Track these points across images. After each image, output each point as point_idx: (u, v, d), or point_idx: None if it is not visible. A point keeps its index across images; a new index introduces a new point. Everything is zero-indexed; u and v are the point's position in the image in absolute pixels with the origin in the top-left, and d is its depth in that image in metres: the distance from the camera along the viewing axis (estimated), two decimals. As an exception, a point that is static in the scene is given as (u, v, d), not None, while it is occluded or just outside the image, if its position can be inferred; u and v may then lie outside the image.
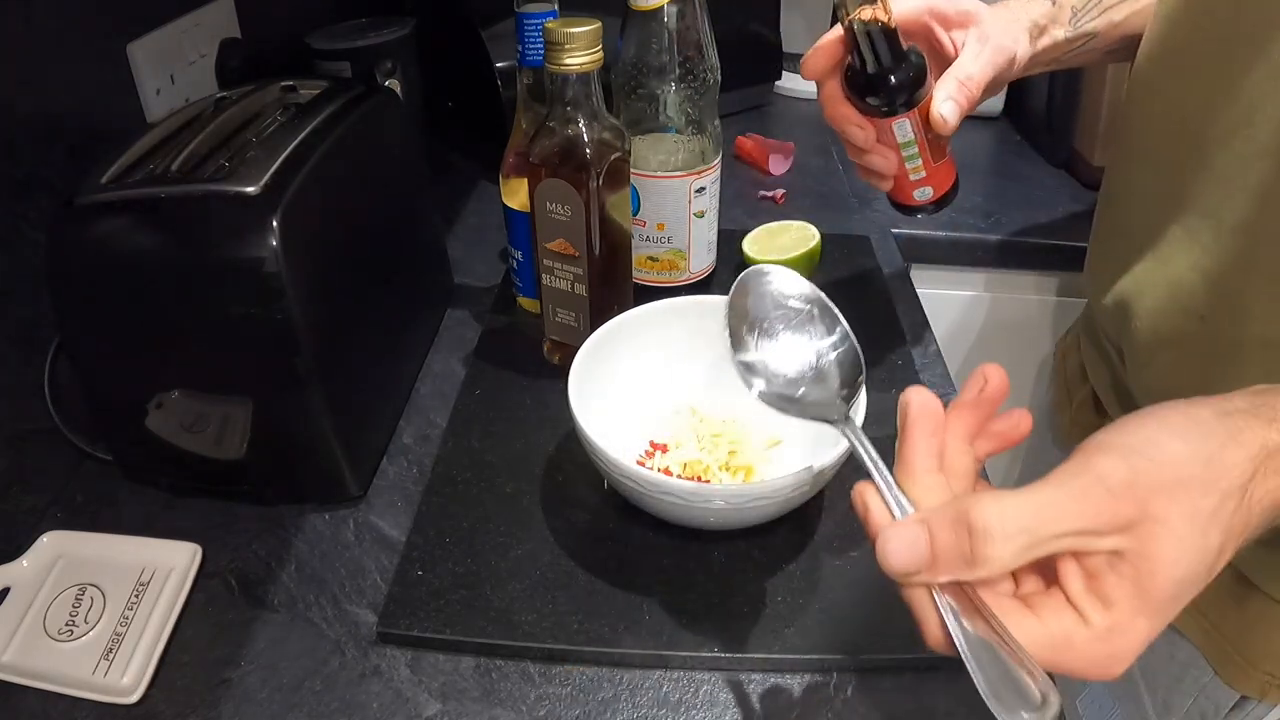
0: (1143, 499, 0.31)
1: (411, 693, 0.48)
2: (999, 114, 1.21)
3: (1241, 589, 0.56)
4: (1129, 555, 0.31)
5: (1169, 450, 0.32)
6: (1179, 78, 0.55)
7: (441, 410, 0.67)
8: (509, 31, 0.69)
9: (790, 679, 0.49)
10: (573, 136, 0.58)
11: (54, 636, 0.50)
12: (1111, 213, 0.65)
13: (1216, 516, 0.31)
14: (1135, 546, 0.31)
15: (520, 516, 0.57)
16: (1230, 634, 0.57)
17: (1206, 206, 0.53)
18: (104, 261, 0.50)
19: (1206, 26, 0.53)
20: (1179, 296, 0.55)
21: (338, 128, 0.58)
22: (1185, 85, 0.54)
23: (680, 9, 0.65)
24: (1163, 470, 0.32)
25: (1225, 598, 0.57)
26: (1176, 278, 0.55)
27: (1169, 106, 0.56)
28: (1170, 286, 0.56)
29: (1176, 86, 0.55)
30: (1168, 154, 0.56)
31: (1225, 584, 0.56)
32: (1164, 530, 0.31)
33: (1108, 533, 0.31)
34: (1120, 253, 0.61)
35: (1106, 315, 0.64)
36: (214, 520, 0.58)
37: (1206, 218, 0.53)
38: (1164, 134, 0.57)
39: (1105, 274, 0.63)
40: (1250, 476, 0.32)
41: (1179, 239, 0.55)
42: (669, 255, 0.74)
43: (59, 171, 0.60)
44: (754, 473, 0.59)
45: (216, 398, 0.54)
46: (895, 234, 0.93)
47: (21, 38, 0.57)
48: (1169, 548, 0.31)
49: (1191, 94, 0.54)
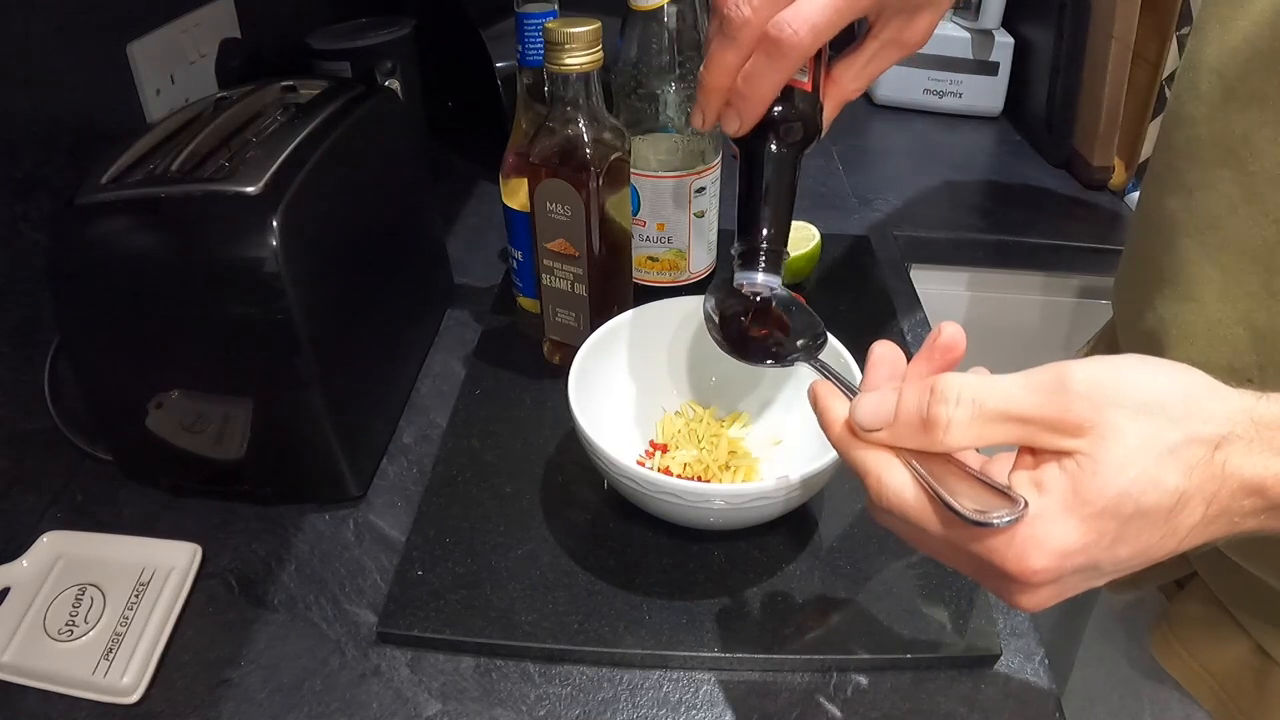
0: (1101, 406, 0.31)
1: (411, 693, 0.48)
2: (999, 114, 1.21)
3: (1260, 662, 0.54)
4: (1075, 454, 0.31)
5: (1145, 376, 0.32)
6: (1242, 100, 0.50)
7: (441, 410, 0.67)
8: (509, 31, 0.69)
9: (790, 679, 0.49)
10: (573, 136, 0.58)
11: (54, 636, 0.50)
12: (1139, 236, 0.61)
13: (1178, 455, 0.31)
14: (1083, 447, 0.31)
15: (520, 516, 0.57)
16: (1246, 707, 0.55)
17: (1254, 250, 0.48)
18: (104, 261, 0.50)
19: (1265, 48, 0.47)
20: (1221, 351, 0.50)
21: (338, 128, 0.58)
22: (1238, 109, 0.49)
23: (680, 9, 0.65)
24: (1132, 389, 0.32)
25: (1243, 670, 0.55)
26: (1216, 328, 0.50)
27: (1213, 130, 0.51)
28: (1211, 339, 0.50)
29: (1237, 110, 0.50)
30: (1207, 182, 0.51)
31: (1242, 656, 0.55)
32: (1116, 440, 0.31)
33: (1062, 432, 0.32)
34: (1144, 281, 0.57)
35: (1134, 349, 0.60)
36: (214, 520, 0.58)
37: (1254, 262, 0.48)
38: (1204, 159, 0.52)
39: (1133, 301, 0.59)
40: (1225, 434, 0.31)
41: (1214, 280, 0.50)
42: (669, 255, 0.74)
43: (59, 171, 0.60)
44: (754, 473, 0.59)
45: (216, 398, 0.54)
46: (895, 234, 0.93)
47: (21, 38, 0.57)
48: (1116, 455, 0.31)
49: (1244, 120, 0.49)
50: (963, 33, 1.16)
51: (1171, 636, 0.60)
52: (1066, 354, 0.83)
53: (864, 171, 1.07)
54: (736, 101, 0.46)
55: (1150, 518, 0.31)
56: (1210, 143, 0.51)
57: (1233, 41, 0.49)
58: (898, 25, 0.48)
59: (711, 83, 0.46)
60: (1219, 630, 0.56)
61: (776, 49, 0.43)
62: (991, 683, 0.48)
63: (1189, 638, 0.59)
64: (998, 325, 1.03)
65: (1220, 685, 0.57)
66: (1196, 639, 0.58)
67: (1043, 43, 1.09)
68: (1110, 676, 0.71)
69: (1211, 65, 0.51)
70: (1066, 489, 0.31)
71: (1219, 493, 0.31)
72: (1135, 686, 0.67)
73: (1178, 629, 0.59)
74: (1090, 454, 0.31)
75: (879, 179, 1.05)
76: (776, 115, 0.47)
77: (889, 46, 0.49)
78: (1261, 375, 0.48)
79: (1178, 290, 0.53)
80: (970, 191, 1.04)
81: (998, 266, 0.97)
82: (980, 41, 1.16)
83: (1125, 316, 0.62)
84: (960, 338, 0.37)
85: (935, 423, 0.33)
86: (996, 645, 0.49)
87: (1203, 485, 0.31)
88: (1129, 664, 0.68)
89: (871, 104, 1.25)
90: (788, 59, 0.44)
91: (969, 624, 0.50)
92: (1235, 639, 0.55)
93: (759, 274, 0.48)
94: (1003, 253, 0.95)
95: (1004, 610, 0.52)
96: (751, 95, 0.46)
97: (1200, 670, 0.58)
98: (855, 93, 0.51)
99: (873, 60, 0.50)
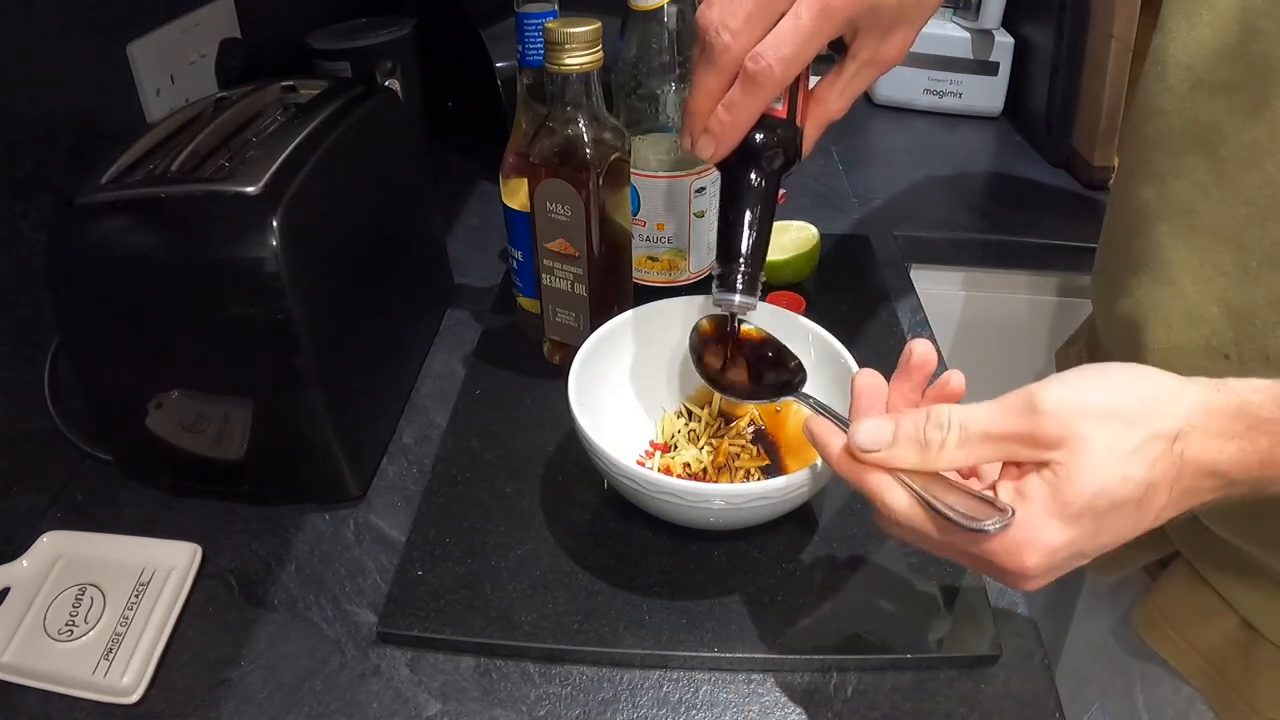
0: (1068, 420, 0.36)
1: (411, 693, 0.48)
2: (999, 114, 1.21)
3: (1246, 636, 0.55)
4: (1053, 464, 0.36)
5: (1105, 387, 0.37)
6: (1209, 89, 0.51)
7: (441, 410, 0.67)
8: (509, 31, 0.69)
9: (790, 679, 0.49)
10: (573, 136, 0.58)
11: (54, 636, 0.50)
12: (1116, 225, 0.62)
13: (1141, 452, 0.35)
14: (1058, 458, 0.36)
15: (520, 516, 0.57)
16: (1234, 680, 0.56)
17: (1226, 231, 0.50)
18: (104, 261, 0.50)
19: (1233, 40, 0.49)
20: (1199, 331, 0.52)
21: (338, 128, 0.58)
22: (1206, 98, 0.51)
23: (680, 9, 0.65)
24: (1095, 401, 0.36)
25: (1229, 645, 0.56)
26: (1194, 309, 0.52)
27: (1184, 120, 0.53)
28: (1188, 317, 0.52)
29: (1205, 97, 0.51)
30: (1179, 170, 0.53)
31: (1228, 631, 0.56)
32: (1086, 446, 0.35)
33: (1037, 446, 0.36)
34: (1121, 268, 0.59)
35: (1113, 336, 0.62)
36: (214, 520, 0.58)
37: (1226, 242, 0.50)
38: (1176, 148, 0.54)
39: (1110, 290, 0.61)
40: (1181, 429, 0.35)
41: (1189, 263, 0.52)
42: (669, 255, 0.74)
43: (59, 171, 0.60)
44: (754, 473, 0.59)
45: (216, 398, 0.54)
46: (895, 234, 0.93)
47: (21, 38, 0.57)
48: (1087, 459, 0.35)
49: (1212, 108, 0.50)
50: (963, 33, 1.16)
51: (1158, 615, 0.60)
52: (1065, 353, 0.82)
53: (864, 171, 1.07)
54: (714, 128, 0.47)
55: (1123, 509, 0.36)
56: (1181, 132, 0.53)
57: (1199, 36, 0.52)
58: (873, 46, 0.49)
59: (695, 107, 0.47)
60: (1204, 607, 0.57)
61: (752, 82, 0.45)
62: (991, 683, 0.48)
63: (1175, 616, 0.59)
64: (997, 325, 1.03)
65: (1208, 661, 0.58)
66: (1182, 617, 0.59)
67: (1042, 43, 1.09)
68: (1099, 656, 0.72)
69: (1179, 59, 0.53)
70: (1047, 495, 0.36)
71: (1180, 477, 0.36)
72: (1125, 665, 0.67)
73: (1163, 608, 0.60)
74: (1065, 463, 0.35)
75: (879, 179, 1.05)
76: (756, 143, 0.48)
77: (867, 66, 0.50)
78: (1239, 351, 0.50)
79: (1154, 274, 0.55)
80: (970, 191, 1.04)
81: (997, 266, 0.97)
82: (980, 41, 1.16)
83: (1104, 305, 0.64)
84: (931, 354, 0.42)
85: (931, 443, 0.38)
86: (996, 645, 0.49)
87: (1165, 473, 0.35)
88: (1118, 643, 0.69)
89: (871, 104, 1.25)
90: (762, 90, 0.46)
91: (969, 624, 0.50)
92: (1220, 615, 0.56)
93: (736, 295, 0.51)
94: (1002, 252, 0.95)
95: (1004, 610, 0.52)
96: (727, 123, 0.47)
97: (1187, 647, 0.59)
98: (839, 113, 0.52)
99: (853, 81, 0.51)
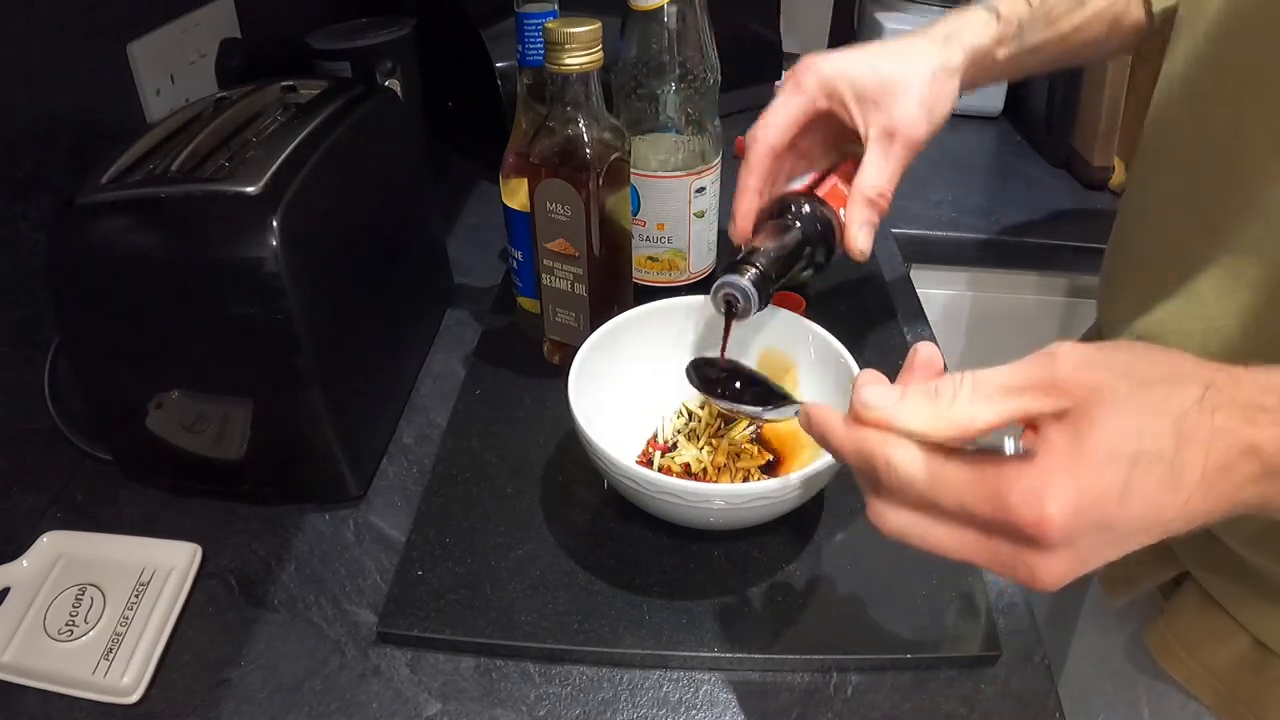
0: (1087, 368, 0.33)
1: (411, 693, 0.48)
2: (999, 114, 1.21)
3: (1258, 654, 0.55)
4: (1072, 413, 0.32)
5: (1125, 349, 0.34)
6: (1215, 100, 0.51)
7: (441, 410, 0.67)
8: (509, 31, 0.69)
9: (790, 679, 0.49)
10: (573, 136, 0.58)
11: (54, 636, 0.50)
12: (1129, 241, 0.62)
13: (1169, 399, 0.32)
14: (1078, 404, 0.32)
15: (520, 516, 0.57)
16: (1247, 697, 0.55)
17: (1247, 244, 0.49)
18: (104, 261, 0.50)
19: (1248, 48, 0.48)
20: (1217, 345, 0.51)
21: (338, 128, 0.58)
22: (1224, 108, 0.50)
23: (680, 9, 0.65)
24: (1115, 358, 0.33)
25: (1242, 664, 0.56)
26: (1214, 325, 0.51)
27: (1203, 131, 0.52)
28: (1207, 335, 0.51)
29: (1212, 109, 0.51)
30: (1199, 183, 0.52)
31: (1240, 651, 0.55)
32: (1108, 392, 0.32)
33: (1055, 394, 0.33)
34: (1138, 284, 0.57)
35: None
36: (214, 520, 0.58)
37: (1247, 255, 0.49)
38: (1195, 161, 0.53)
39: (1123, 306, 0.59)
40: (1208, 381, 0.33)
41: (1213, 277, 0.51)
42: (669, 255, 0.74)
43: (59, 171, 0.60)
44: (754, 473, 0.59)
45: (216, 398, 0.54)
46: (895, 234, 0.93)
47: (21, 38, 0.57)
48: (1109, 405, 0.32)
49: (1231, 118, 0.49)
50: (963, 33, 1.16)
51: (1170, 638, 0.60)
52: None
53: (864, 171, 1.07)
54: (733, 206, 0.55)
55: (1153, 468, 0.31)
56: (1192, 144, 0.52)
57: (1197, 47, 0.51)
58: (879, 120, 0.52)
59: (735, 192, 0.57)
60: (1216, 629, 0.57)
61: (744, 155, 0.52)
62: (991, 683, 0.48)
63: (1187, 638, 0.59)
64: (998, 325, 1.03)
65: (1220, 681, 0.57)
66: (1195, 639, 0.59)
67: (1043, 43, 1.09)
68: (1103, 668, 0.72)
69: (1182, 72, 0.53)
70: (1070, 439, 0.32)
71: (1214, 442, 0.32)
72: (1130, 679, 0.67)
73: (1176, 630, 0.60)
74: (1085, 412, 0.32)
75: (879, 179, 1.05)
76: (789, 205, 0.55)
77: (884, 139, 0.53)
78: None
79: (1174, 289, 0.54)
80: (970, 191, 1.04)
81: (998, 266, 0.97)
82: (980, 41, 1.15)
83: (1114, 319, 0.63)
84: (937, 355, 0.39)
85: (943, 394, 0.34)
86: (996, 645, 0.49)
87: (1195, 430, 0.32)
88: (1123, 656, 0.68)
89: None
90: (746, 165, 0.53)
91: (969, 624, 0.50)
92: (1233, 636, 0.56)
93: (743, 279, 0.52)
94: (1003, 252, 0.95)
95: (1004, 610, 0.52)
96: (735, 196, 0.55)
97: (1200, 669, 0.58)
98: (883, 197, 0.54)
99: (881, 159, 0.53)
